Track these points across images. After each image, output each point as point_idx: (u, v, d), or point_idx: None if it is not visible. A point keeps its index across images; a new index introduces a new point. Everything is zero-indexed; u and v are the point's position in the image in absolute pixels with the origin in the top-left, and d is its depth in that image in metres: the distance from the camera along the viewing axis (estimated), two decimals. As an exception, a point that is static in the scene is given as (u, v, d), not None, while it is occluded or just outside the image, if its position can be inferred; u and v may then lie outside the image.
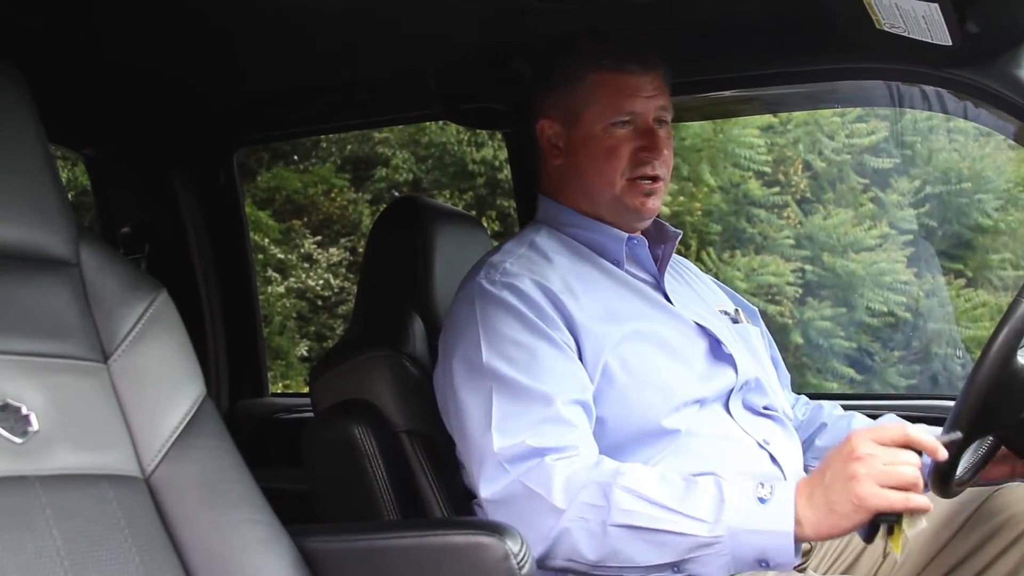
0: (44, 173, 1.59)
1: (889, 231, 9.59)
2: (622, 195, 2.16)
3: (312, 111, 3.01)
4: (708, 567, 1.76)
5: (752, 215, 9.77)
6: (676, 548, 1.76)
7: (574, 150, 2.19)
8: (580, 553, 1.81)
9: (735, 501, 1.76)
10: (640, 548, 1.78)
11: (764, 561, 1.74)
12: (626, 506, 1.79)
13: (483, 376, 1.97)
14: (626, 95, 2.15)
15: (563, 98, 2.19)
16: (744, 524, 1.74)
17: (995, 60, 2.23)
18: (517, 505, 1.87)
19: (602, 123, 2.15)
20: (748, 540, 1.73)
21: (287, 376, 9.43)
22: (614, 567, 1.81)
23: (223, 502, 1.61)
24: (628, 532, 1.78)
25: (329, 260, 10.29)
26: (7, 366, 1.47)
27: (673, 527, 1.76)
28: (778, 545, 1.72)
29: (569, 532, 1.81)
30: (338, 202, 10.50)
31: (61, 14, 2.26)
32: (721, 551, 1.74)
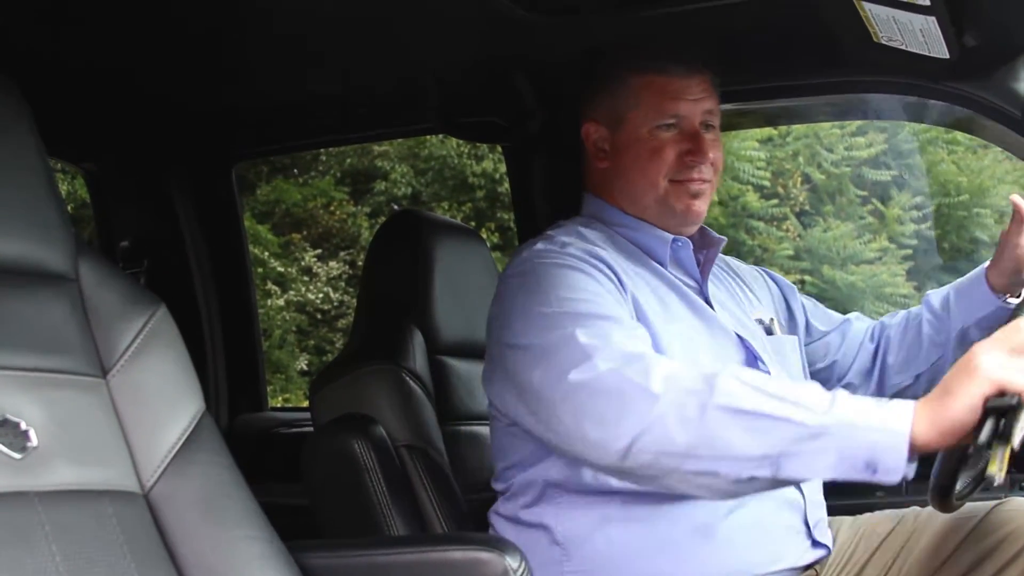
0: (43, 188, 1.59)
1: (888, 245, 9.60)
2: (667, 197, 2.14)
3: (311, 125, 3.02)
4: (810, 466, 1.62)
5: (751, 227, 9.78)
6: (778, 437, 1.62)
7: (619, 153, 2.18)
8: (671, 439, 1.67)
9: (849, 398, 1.63)
10: (738, 435, 1.64)
11: (872, 467, 1.58)
12: (730, 388, 1.67)
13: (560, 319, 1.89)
14: (670, 97, 2.13)
15: (608, 101, 2.19)
16: (857, 418, 1.60)
17: (992, 73, 2.23)
18: (608, 393, 1.75)
19: (647, 126, 2.13)
20: (859, 437, 1.58)
21: (287, 390, 9.43)
22: (705, 456, 1.66)
23: (222, 518, 1.60)
24: (728, 415, 1.64)
25: (329, 274, 10.30)
26: (6, 381, 1.47)
27: (779, 411, 1.62)
28: (890, 445, 1.57)
29: (663, 418, 1.68)
30: (337, 215, 10.52)
31: (60, 28, 2.26)
32: (826, 446, 1.59)
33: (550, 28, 2.24)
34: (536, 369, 1.86)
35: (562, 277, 1.97)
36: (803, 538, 2.05)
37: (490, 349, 2.06)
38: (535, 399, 1.87)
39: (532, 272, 2.01)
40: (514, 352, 1.93)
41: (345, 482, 2.13)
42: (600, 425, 1.74)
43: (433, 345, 2.44)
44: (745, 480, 1.65)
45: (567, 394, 1.79)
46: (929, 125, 7.39)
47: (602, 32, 2.28)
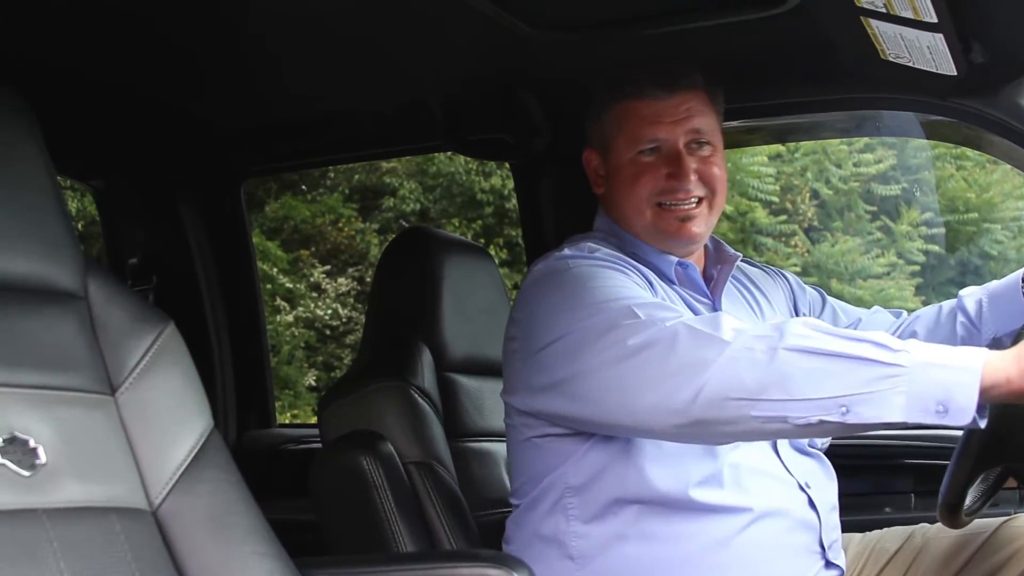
0: (52, 206, 1.59)
1: (897, 260, 9.59)
2: (655, 221, 2.12)
3: (318, 142, 3.02)
4: (882, 407, 1.59)
5: (759, 243, 9.78)
6: (852, 377, 1.60)
7: (610, 179, 2.18)
8: (741, 382, 1.66)
9: (921, 343, 1.63)
10: (810, 375, 1.62)
11: (943, 405, 1.56)
12: (802, 332, 1.65)
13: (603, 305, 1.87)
14: (648, 122, 2.12)
15: (598, 129, 2.20)
16: (929, 357, 1.58)
17: (1000, 89, 2.23)
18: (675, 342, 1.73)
19: (629, 152, 2.13)
20: (931, 375, 1.56)
21: (295, 406, 9.43)
22: (776, 399, 1.64)
23: (230, 535, 1.60)
24: (801, 355, 1.63)
25: (337, 290, 10.31)
26: (15, 399, 1.47)
27: (852, 351, 1.61)
28: (963, 383, 1.55)
29: (734, 361, 1.67)
30: (346, 232, 10.53)
31: (70, 46, 2.27)
32: (899, 386, 1.57)
33: (556, 46, 2.24)
34: (580, 352, 1.85)
35: (597, 274, 1.97)
36: (817, 558, 2.03)
37: (512, 361, 2.05)
38: (581, 382, 1.85)
39: (562, 273, 2.00)
40: (550, 348, 1.91)
41: (353, 499, 2.13)
42: (664, 379, 1.72)
43: (441, 362, 2.44)
44: (815, 424, 1.64)
45: (624, 358, 1.78)
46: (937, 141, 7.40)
47: (607, 50, 2.28)
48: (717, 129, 2.18)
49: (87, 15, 2.10)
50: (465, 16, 2.08)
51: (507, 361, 2.08)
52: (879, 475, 2.70)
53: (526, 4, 2.10)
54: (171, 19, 2.15)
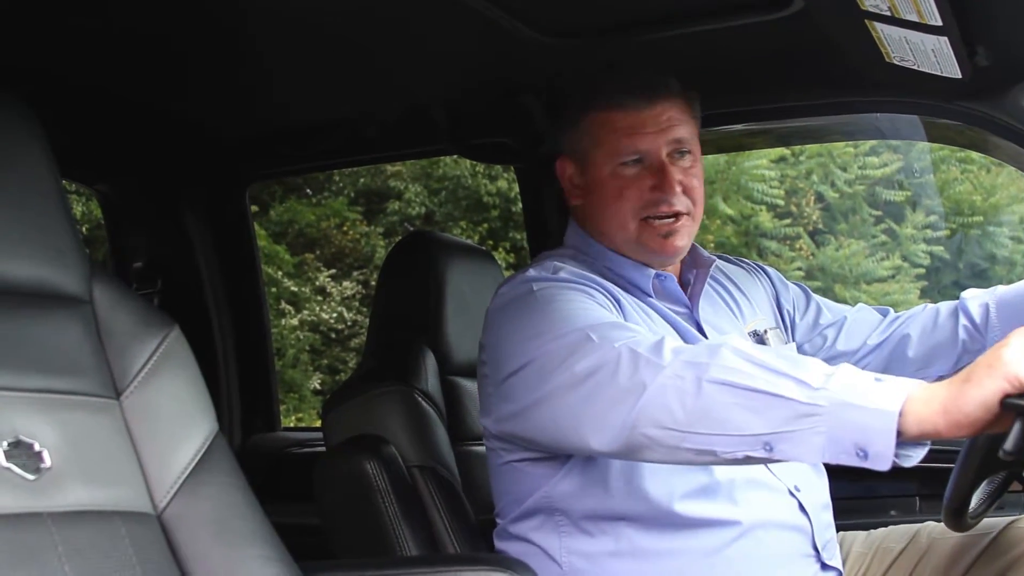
0: (57, 211, 1.59)
1: (902, 263, 9.58)
2: (639, 236, 2.09)
3: (322, 147, 3.02)
4: (801, 447, 1.55)
5: (764, 247, 9.77)
6: (772, 415, 1.56)
7: (589, 192, 2.13)
8: (670, 411, 1.63)
9: (847, 375, 1.56)
10: (732, 411, 1.59)
11: (862, 450, 1.50)
12: (728, 363, 1.62)
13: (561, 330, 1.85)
14: (627, 133, 2.07)
15: (572, 139, 2.14)
16: (848, 396, 1.52)
17: (1005, 92, 2.23)
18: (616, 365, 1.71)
19: (609, 165, 2.08)
20: (849, 416, 1.51)
21: (300, 409, 9.43)
22: (702, 434, 1.62)
23: (235, 539, 1.61)
24: (723, 390, 1.60)
25: (342, 293, 10.31)
26: (20, 403, 1.47)
27: (772, 388, 1.57)
28: (879, 428, 1.49)
29: (663, 390, 1.64)
30: (351, 235, 10.53)
31: (75, 52, 2.27)
32: (817, 426, 1.52)
33: (560, 50, 2.24)
34: (538, 381, 1.84)
35: (558, 296, 1.94)
36: (812, 562, 2.03)
37: (484, 387, 2.04)
38: (539, 410, 1.84)
39: (525, 298, 1.98)
40: (513, 378, 1.90)
41: (357, 502, 2.13)
42: (606, 404, 1.71)
43: (445, 366, 2.44)
44: (741, 459, 1.62)
45: (573, 386, 1.77)
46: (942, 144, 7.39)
47: (610, 55, 2.28)
48: (696, 137, 2.14)
49: (92, 23, 2.10)
50: (469, 21, 2.09)
51: (480, 385, 2.08)
52: (883, 478, 2.69)
53: (529, 9, 2.10)
54: (175, 26, 2.16)
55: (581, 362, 1.76)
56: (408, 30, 2.19)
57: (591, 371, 1.74)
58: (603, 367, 1.73)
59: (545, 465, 1.99)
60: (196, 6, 2.07)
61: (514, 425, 1.94)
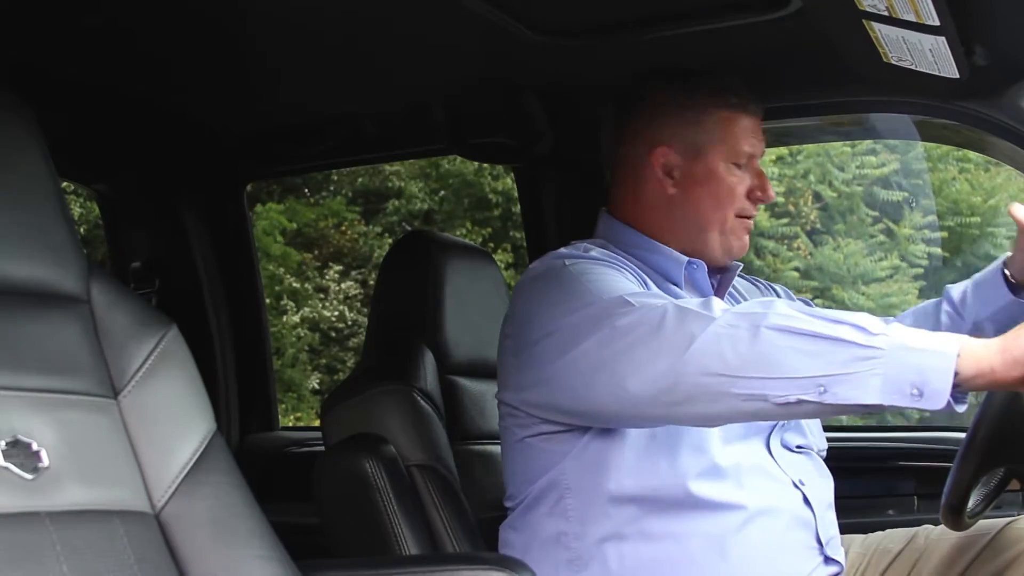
0: (55, 210, 1.59)
1: (900, 263, 9.59)
2: (731, 231, 2.18)
3: (321, 146, 3.02)
4: (858, 388, 1.60)
5: (761, 246, 9.78)
6: (830, 358, 1.61)
7: (694, 183, 2.16)
8: (722, 357, 1.67)
9: (903, 326, 1.65)
10: (790, 354, 1.64)
11: (918, 389, 1.57)
12: (784, 311, 1.68)
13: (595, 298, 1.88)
14: (748, 136, 2.16)
15: (686, 130, 2.16)
16: (908, 340, 1.59)
17: (1003, 92, 2.23)
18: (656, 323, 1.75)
19: (725, 162, 2.15)
20: (908, 359, 1.58)
21: (298, 409, 9.44)
22: (755, 377, 1.66)
23: (233, 538, 1.61)
24: (782, 335, 1.65)
25: (342, 293, 10.32)
26: (18, 402, 1.47)
27: (832, 332, 1.62)
28: (938, 367, 1.56)
29: (716, 338, 1.69)
30: (348, 235, 10.54)
31: (73, 53, 2.27)
32: (875, 368, 1.58)
33: (559, 50, 2.25)
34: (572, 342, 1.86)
35: (592, 270, 1.98)
36: (815, 554, 2.04)
37: (505, 357, 2.06)
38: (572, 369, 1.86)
39: (558, 271, 2.01)
40: (543, 343, 1.93)
41: (356, 502, 2.13)
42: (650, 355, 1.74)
43: (444, 365, 2.44)
44: (793, 403, 1.64)
45: (612, 340, 1.80)
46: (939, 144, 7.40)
47: (609, 54, 2.28)
48: None
49: (90, 22, 2.11)
50: (468, 21, 2.09)
51: (501, 358, 2.10)
52: (881, 477, 2.70)
53: (529, 9, 2.10)
54: (174, 25, 2.16)
55: (621, 320, 1.79)
56: (407, 30, 2.19)
57: (632, 326, 1.78)
58: (645, 321, 1.76)
59: (562, 440, 2.00)
60: (195, 5, 2.07)
61: (538, 393, 1.97)
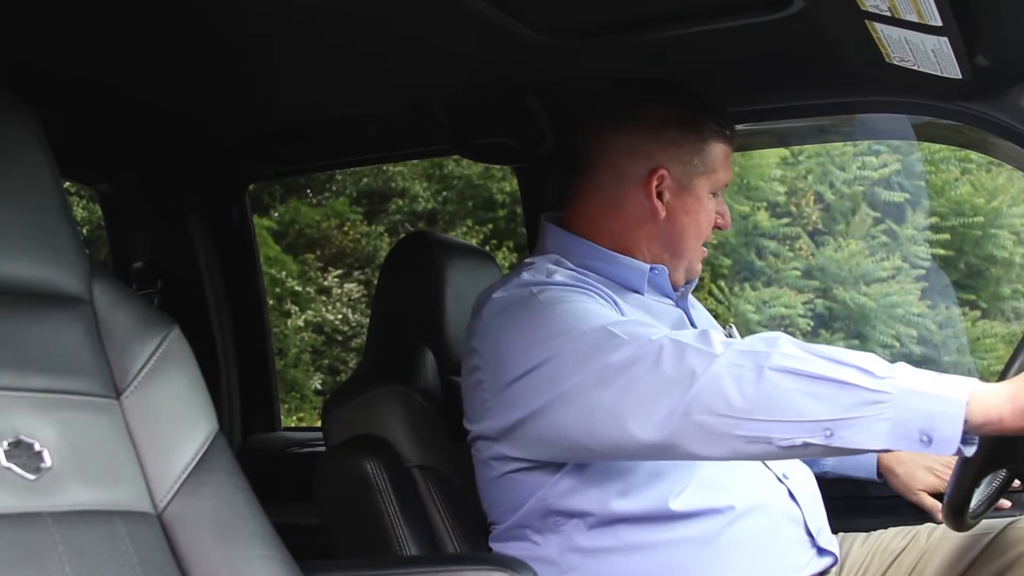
0: (57, 211, 1.60)
1: (902, 264, 9.59)
2: (695, 259, 2.21)
3: (323, 147, 3.02)
4: (865, 433, 1.57)
5: (763, 247, 9.78)
6: (836, 402, 1.59)
7: (682, 211, 2.15)
8: (726, 398, 1.64)
9: (909, 368, 1.61)
10: (796, 397, 1.61)
11: (927, 435, 1.54)
12: (789, 351, 1.64)
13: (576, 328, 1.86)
14: (728, 168, 2.20)
15: (687, 156, 2.15)
16: (915, 384, 1.56)
17: (1006, 93, 2.23)
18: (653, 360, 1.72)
19: (706, 191, 2.16)
20: (916, 404, 1.55)
21: (301, 409, 9.45)
22: (760, 420, 1.63)
23: (236, 538, 1.61)
24: (787, 377, 1.61)
25: (344, 294, 10.33)
26: (20, 403, 1.47)
27: (838, 375, 1.59)
28: (948, 414, 1.53)
29: (719, 378, 1.65)
30: (351, 235, 10.54)
31: (75, 53, 2.27)
32: (883, 413, 1.55)
33: (561, 50, 2.24)
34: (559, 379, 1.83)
35: (564, 298, 1.94)
36: (807, 547, 2.05)
37: (476, 392, 2.03)
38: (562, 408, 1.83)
39: (527, 301, 1.97)
40: (524, 380, 1.89)
41: (357, 503, 2.13)
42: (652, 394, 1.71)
43: (445, 366, 2.44)
44: (799, 446, 1.62)
45: (607, 379, 1.76)
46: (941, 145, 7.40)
47: (611, 54, 2.28)
48: None
49: (92, 23, 2.11)
50: (469, 21, 2.09)
51: (470, 391, 2.06)
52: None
53: (531, 9, 2.10)
54: (176, 26, 2.16)
55: (613, 355, 1.76)
56: (409, 30, 2.19)
57: (628, 363, 1.74)
58: (642, 359, 1.73)
59: (540, 473, 1.99)
60: (197, 5, 2.07)
61: (522, 431, 1.93)
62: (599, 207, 2.19)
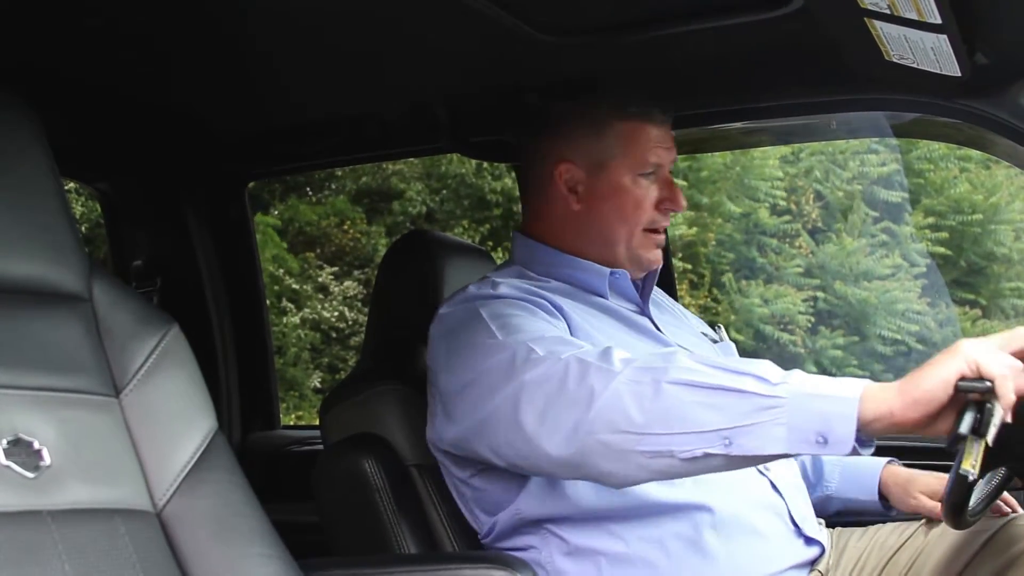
0: (57, 210, 1.60)
1: (901, 261, 9.61)
2: (638, 246, 2.18)
3: (323, 145, 3.02)
4: (763, 439, 1.59)
5: (764, 244, 9.79)
6: (733, 410, 1.60)
7: (599, 198, 2.18)
8: (626, 414, 1.66)
9: (803, 374, 1.63)
10: (693, 408, 1.63)
11: (823, 436, 1.56)
12: (686, 365, 1.66)
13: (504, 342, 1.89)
14: (652, 146, 2.16)
15: (586, 144, 2.18)
16: (809, 387, 1.59)
17: (1005, 90, 2.23)
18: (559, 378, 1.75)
19: (630, 174, 2.16)
20: (810, 406, 1.57)
21: (300, 407, 9.45)
22: (661, 434, 1.65)
23: (235, 537, 1.61)
24: (684, 389, 1.64)
25: (344, 293, 10.33)
26: (19, 401, 1.47)
27: (733, 384, 1.61)
28: (841, 413, 1.55)
29: (618, 395, 1.67)
30: (351, 234, 10.55)
31: (74, 52, 2.27)
32: (779, 418, 1.57)
33: (561, 48, 2.24)
34: (485, 397, 1.87)
35: (500, 313, 1.98)
36: (793, 537, 2.06)
37: (433, 404, 2.06)
38: (489, 426, 1.86)
39: (470, 317, 2.01)
40: (459, 397, 1.93)
41: (355, 502, 2.13)
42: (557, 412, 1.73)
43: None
44: (700, 457, 1.64)
45: (520, 397, 1.79)
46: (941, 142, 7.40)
47: (611, 53, 2.28)
48: None
49: (92, 21, 2.11)
50: (469, 20, 2.09)
51: (429, 403, 2.09)
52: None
53: (530, 7, 2.10)
54: (176, 25, 2.16)
55: (529, 372, 1.79)
56: (410, 29, 2.19)
57: (539, 381, 1.77)
58: (550, 378, 1.76)
59: (505, 479, 2.01)
60: (197, 5, 2.07)
61: (465, 446, 1.97)
62: (538, 212, 2.27)
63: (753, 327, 9.00)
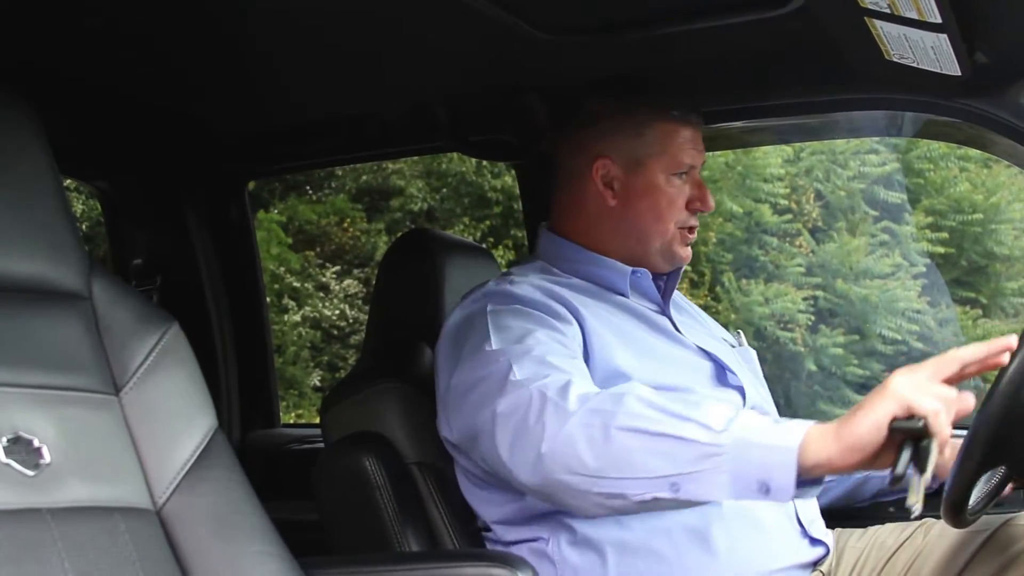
0: (57, 208, 1.60)
1: (902, 261, 9.60)
2: (671, 243, 2.22)
3: (323, 144, 3.02)
4: (707, 486, 1.62)
5: (765, 243, 9.79)
6: (678, 457, 1.63)
7: (634, 195, 2.21)
8: (581, 460, 1.70)
9: (748, 417, 1.64)
10: (640, 455, 1.66)
11: (764, 485, 1.58)
12: (634, 410, 1.69)
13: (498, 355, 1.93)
14: (688, 147, 2.21)
15: (627, 142, 2.21)
16: (750, 436, 1.60)
17: (1005, 90, 2.23)
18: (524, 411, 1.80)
19: (665, 173, 2.19)
20: (750, 455, 1.59)
21: (300, 406, 9.45)
22: (613, 478, 1.68)
23: (235, 534, 1.61)
24: (632, 436, 1.67)
25: (344, 291, 10.33)
26: (19, 399, 1.47)
27: (677, 431, 1.63)
28: (780, 463, 1.57)
29: (572, 439, 1.71)
30: (351, 232, 10.54)
31: (74, 52, 2.27)
32: (721, 466, 1.60)
33: (561, 48, 2.24)
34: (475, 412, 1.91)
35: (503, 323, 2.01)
36: (799, 537, 2.08)
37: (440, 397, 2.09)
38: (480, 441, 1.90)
39: (478, 318, 2.04)
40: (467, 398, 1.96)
41: (356, 500, 2.13)
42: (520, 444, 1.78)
43: (444, 363, 2.44)
44: (650, 501, 1.67)
45: (496, 420, 1.84)
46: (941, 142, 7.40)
47: (611, 52, 2.28)
48: None
49: (92, 21, 2.11)
50: (469, 19, 2.09)
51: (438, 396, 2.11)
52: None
53: (530, 7, 2.10)
54: (176, 24, 2.16)
55: (500, 403, 1.84)
56: (410, 29, 2.19)
57: (507, 414, 1.82)
58: (517, 410, 1.81)
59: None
60: (197, 5, 2.07)
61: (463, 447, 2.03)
62: (569, 207, 2.29)
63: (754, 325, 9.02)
